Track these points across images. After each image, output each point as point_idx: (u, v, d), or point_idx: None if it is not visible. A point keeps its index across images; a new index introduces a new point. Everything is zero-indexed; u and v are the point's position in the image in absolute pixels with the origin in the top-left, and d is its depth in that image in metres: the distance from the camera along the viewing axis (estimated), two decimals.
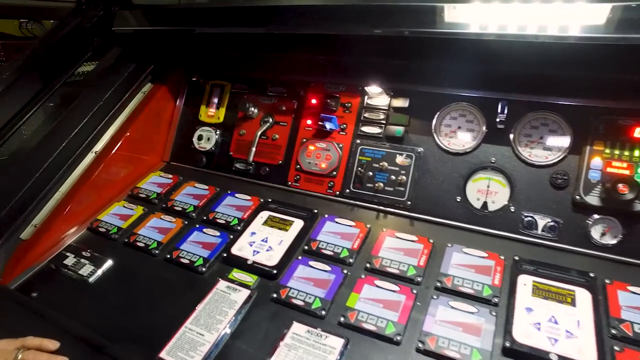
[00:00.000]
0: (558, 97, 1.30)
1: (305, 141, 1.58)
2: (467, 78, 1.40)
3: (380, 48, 1.44)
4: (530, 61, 1.27)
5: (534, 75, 1.31)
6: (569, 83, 1.29)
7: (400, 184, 1.41)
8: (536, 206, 1.28)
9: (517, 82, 1.34)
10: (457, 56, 1.36)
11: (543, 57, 1.23)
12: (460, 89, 1.41)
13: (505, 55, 1.28)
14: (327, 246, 1.31)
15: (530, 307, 1.07)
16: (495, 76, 1.37)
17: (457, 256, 1.24)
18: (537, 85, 1.32)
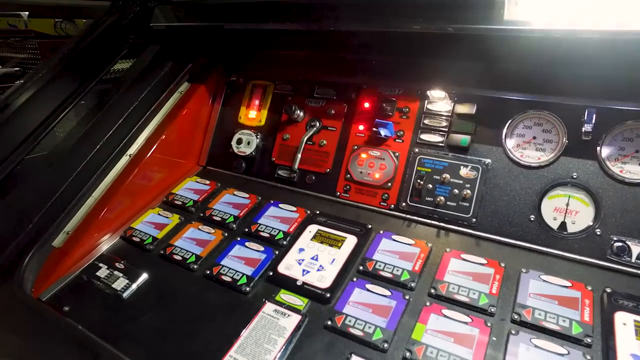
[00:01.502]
0: None
1: (356, 148, 1.45)
2: (545, 82, 1.24)
3: (443, 48, 1.31)
4: (621, 62, 1.12)
5: (628, 79, 1.15)
6: None
7: (464, 199, 1.27)
8: (630, 230, 1.12)
9: (607, 87, 1.18)
10: (531, 57, 1.21)
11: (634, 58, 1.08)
12: (537, 95, 1.25)
13: (591, 56, 1.13)
14: (385, 267, 1.17)
15: (637, 354, 0.92)
16: (580, 80, 1.21)
17: (535, 284, 1.08)
18: (631, 91, 1.16)
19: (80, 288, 1.28)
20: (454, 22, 1.14)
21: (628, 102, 1.16)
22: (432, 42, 1.30)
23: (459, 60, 1.34)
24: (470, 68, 1.34)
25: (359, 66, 1.52)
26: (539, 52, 1.19)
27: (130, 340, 1.10)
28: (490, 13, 1.08)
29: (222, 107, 1.76)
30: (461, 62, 1.34)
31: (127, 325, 1.15)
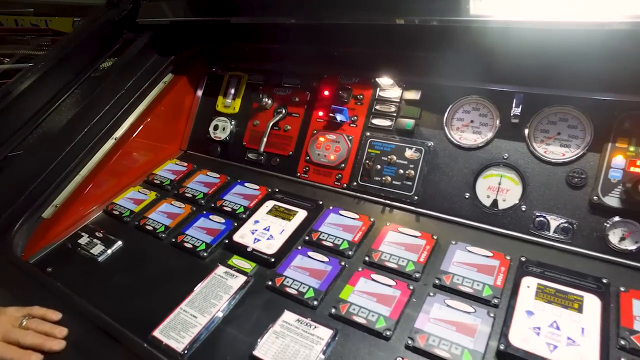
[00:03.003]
0: (579, 91, 1.22)
1: (316, 133, 1.57)
2: (482, 70, 1.34)
3: (393, 39, 1.41)
4: (549, 53, 1.21)
5: (554, 68, 1.24)
6: (592, 76, 1.20)
7: (408, 178, 1.37)
8: (549, 206, 1.21)
9: (536, 75, 1.27)
10: (471, 47, 1.30)
11: (563, 48, 1.16)
12: (474, 82, 1.35)
13: (522, 46, 1.22)
14: (328, 237, 1.29)
15: (531, 310, 1.01)
16: (512, 68, 1.30)
17: (460, 254, 1.18)
18: (556, 78, 1.24)
19: (64, 253, 1.44)
20: (418, 14, 1.24)
21: (552, 88, 1.24)
22: (389, 34, 1.41)
23: (409, 51, 1.44)
24: (418, 58, 1.44)
25: (322, 57, 1.64)
26: (478, 43, 1.28)
27: (101, 296, 1.25)
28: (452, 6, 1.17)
29: (202, 96, 1.90)
30: (411, 53, 1.44)
31: (99, 284, 1.31)
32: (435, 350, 0.96)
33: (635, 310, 0.99)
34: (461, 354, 0.95)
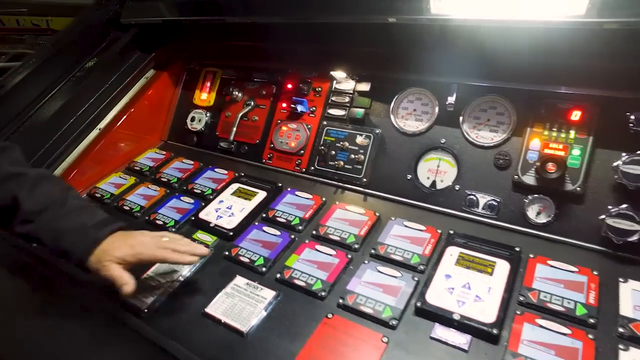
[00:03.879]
0: (507, 82, 1.35)
1: (279, 122, 1.71)
2: (424, 64, 1.47)
3: (347, 36, 1.55)
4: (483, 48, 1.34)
5: (486, 62, 1.37)
6: (517, 69, 1.33)
7: (358, 163, 1.51)
8: (479, 185, 1.34)
9: (470, 68, 1.40)
10: (416, 43, 1.44)
11: (495, 44, 1.30)
12: (417, 74, 1.49)
13: (460, 42, 1.36)
14: (282, 215, 1.43)
15: (449, 274, 1.14)
16: (450, 62, 1.43)
17: (397, 228, 1.32)
18: (488, 71, 1.37)
19: None
20: (382, 13, 1.37)
21: (484, 80, 1.37)
22: (346, 33, 1.55)
23: (362, 47, 1.58)
24: (369, 53, 1.57)
25: (287, 54, 1.78)
26: (421, 38, 1.42)
27: None
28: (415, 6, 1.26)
29: (181, 91, 2.05)
30: (363, 49, 1.58)
31: None
32: (361, 307, 1.10)
33: (537, 273, 1.12)
34: (383, 310, 1.08)
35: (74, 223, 1.08)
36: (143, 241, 1.11)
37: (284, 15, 1.54)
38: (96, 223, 1.10)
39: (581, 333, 0.97)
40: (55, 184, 1.16)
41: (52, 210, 1.08)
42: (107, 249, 1.06)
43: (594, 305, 1.03)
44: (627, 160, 1.11)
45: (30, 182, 1.11)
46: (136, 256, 1.08)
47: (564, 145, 1.23)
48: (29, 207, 1.07)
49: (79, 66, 1.94)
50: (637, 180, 1.10)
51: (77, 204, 1.13)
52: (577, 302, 1.03)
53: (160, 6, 1.89)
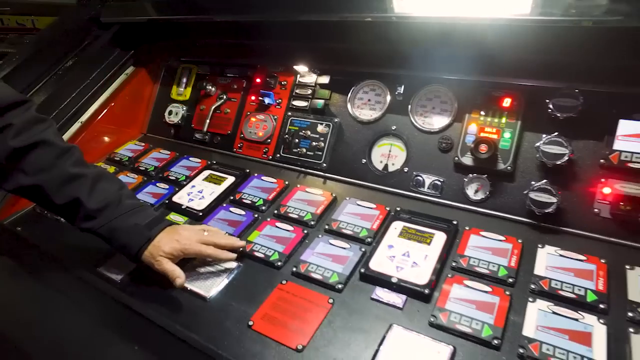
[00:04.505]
0: (449, 73, 1.49)
1: (249, 114, 1.84)
2: (377, 58, 1.61)
3: (310, 33, 1.69)
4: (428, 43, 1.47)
5: (431, 55, 1.51)
6: (458, 61, 1.47)
7: (318, 149, 1.64)
8: (425, 167, 1.47)
9: (417, 61, 1.54)
10: (369, 39, 1.58)
11: (439, 39, 1.43)
12: (371, 68, 1.62)
13: (408, 37, 1.49)
14: (248, 197, 1.56)
15: (392, 244, 1.28)
16: (400, 55, 1.57)
17: (350, 207, 1.45)
18: (433, 63, 1.51)
19: (33, 216, 1.71)
20: (350, 12, 1.49)
21: (430, 71, 1.51)
22: (312, 29, 1.69)
23: (324, 42, 1.71)
24: (330, 48, 1.71)
25: (256, 51, 1.91)
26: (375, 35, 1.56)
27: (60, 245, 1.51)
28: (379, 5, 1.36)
29: (160, 86, 2.17)
30: (325, 44, 1.71)
31: (61, 237, 1.57)
32: (312, 274, 1.23)
33: (470, 242, 1.25)
34: (330, 276, 1.21)
35: (129, 222, 1.21)
36: (188, 236, 1.25)
37: (253, 15, 1.67)
38: (147, 223, 1.23)
39: (500, 290, 1.11)
40: (110, 182, 1.29)
41: (109, 209, 1.21)
42: (157, 245, 1.21)
43: (514, 267, 1.16)
44: (546, 140, 1.25)
45: (89, 182, 1.22)
46: (183, 251, 1.23)
47: (497, 129, 1.37)
48: (90, 205, 1.20)
49: (61, 64, 2.06)
50: (554, 158, 1.24)
51: (131, 204, 1.25)
52: (500, 266, 1.17)
53: (139, 6, 2.01)
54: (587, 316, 1.02)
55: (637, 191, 1.18)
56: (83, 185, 1.21)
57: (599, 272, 1.11)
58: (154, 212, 1.30)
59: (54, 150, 1.22)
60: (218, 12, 1.76)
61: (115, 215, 1.21)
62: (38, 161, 1.21)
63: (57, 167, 1.21)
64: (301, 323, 1.10)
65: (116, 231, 1.21)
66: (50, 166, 1.21)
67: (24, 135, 1.19)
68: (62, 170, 1.21)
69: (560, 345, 0.96)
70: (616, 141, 1.23)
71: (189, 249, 1.23)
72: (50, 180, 1.20)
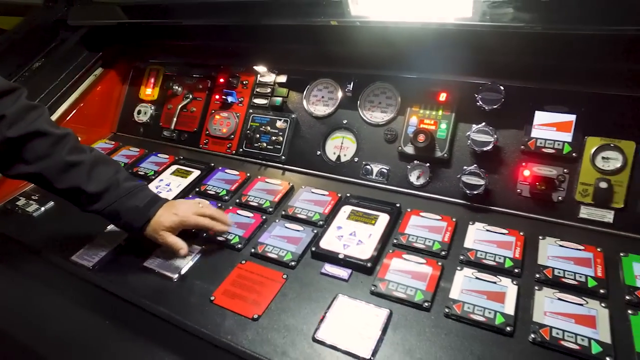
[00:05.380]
0: (393, 71, 1.64)
1: (213, 112, 1.96)
2: (330, 58, 1.76)
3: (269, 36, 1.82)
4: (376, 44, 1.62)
5: (378, 55, 1.66)
6: (401, 60, 1.63)
7: (277, 143, 1.78)
8: (373, 157, 1.62)
9: (366, 60, 1.69)
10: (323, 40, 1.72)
11: (386, 41, 1.58)
12: (324, 67, 1.77)
13: (359, 39, 1.63)
14: (213, 188, 1.68)
15: (341, 226, 1.42)
16: (350, 56, 1.72)
17: (305, 195, 1.59)
18: (379, 62, 1.67)
19: (4, 213, 1.79)
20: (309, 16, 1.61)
21: (376, 69, 1.66)
22: (271, 31, 1.82)
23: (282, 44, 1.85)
24: (288, 49, 1.85)
25: (220, 52, 2.03)
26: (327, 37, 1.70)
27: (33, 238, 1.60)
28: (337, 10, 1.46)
29: (129, 87, 2.27)
30: (283, 46, 1.85)
31: (34, 231, 1.66)
32: (268, 254, 1.36)
33: (410, 222, 1.40)
34: (285, 255, 1.35)
35: (129, 204, 1.31)
36: (185, 209, 1.37)
37: (218, 19, 1.79)
38: (146, 204, 1.33)
39: (433, 262, 1.26)
40: (107, 166, 1.35)
41: (109, 192, 1.30)
42: (158, 220, 1.33)
43: (447, 242, 1.32)
44: (475, 130, 1.42)
45: (87, 168, 1.29)
46: (182, 223, 1.35)
47: (434, 121, 1.54)
48: (90, 190, 1.28)
49: (28, 66, 2.13)
50: (481, 145, 1.40)
51: (129, 186, 1.34)
52: (435, 241, 1.33)
53: (107, 9, 2.10)
54: (504, 279, 1.18)
55: (550, 173, 1.36)
56: (81, 172, 1.28)
57: (517, 243, 1.28)
58: (151, 192, 1.40)
59: (49, 139, 1.26)
60: (185, 17, 1.87)
61: (115, 199, 1.30)
62: (35, 150, 1.25)
63: (53, 156, 1.26)
64: (257, 296, 1.23)
65: (118, 213, 1.31)
66: (47, 155, 1.25)
67: (18, 125, 1.23)
68: (59, 159, 1.26)
69: (478, 304, 1.12)
70: (533, 130, 1.41)
71: (187, 221, 1.35)
72: (48, 168, 1.26)
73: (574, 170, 1.34)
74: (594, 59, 1.36)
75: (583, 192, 1.32)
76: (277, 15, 1.62)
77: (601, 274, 1.15)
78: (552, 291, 1.14)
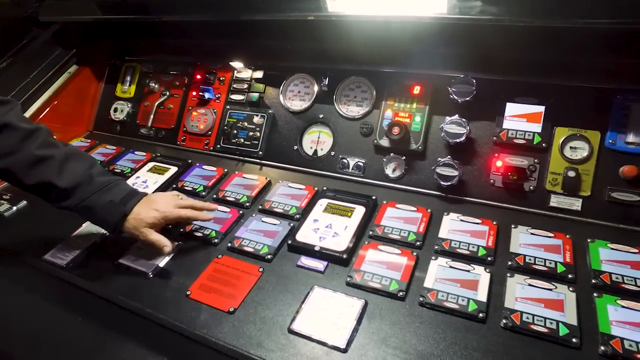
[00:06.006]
0: (368, 65, 1.66)
1: (191, 108, 1.95)
2: (306, 53, 1.76)
3: (245, 32, 1.82)
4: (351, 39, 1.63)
5: (353, 49, 1.67)
6: (376, 54, 1.64)
7: (255, 139, 1.77)
8: (349, 150, 1.63)
9: (340, 55, 1.70)
10: (298, 36, 1.72)
11: (361, 35, 1.59)
12: (300, 62, 1.77)
13: (334, 34, 1.64)
14: (190, 184, 1.67)
15: (317, 219, 1.43)
16: (324, 51, 1.73)
17: (282, 189, 1.59)
18: (354, 57, 1.68)
19: None
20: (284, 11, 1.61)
21: (351, 64, 1.68)
22: (247, 27, 1.81)
23: (258, 40, 1.85)
24: (264, 45, 1.85)
25: (196, 49, 2.02)
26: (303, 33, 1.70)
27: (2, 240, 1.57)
28: (314, 5, 1.48)
29: (105, 84, 2.24)
30: (259, 41, 1.85)
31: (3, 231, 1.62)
32: (244, 248, 1.35)
33: (386, 214, 1.42)
34: (261, 249, 1.35)
35: (103, 200, 1.26)
36: (165, 203, 1.33)
37: (194, 15, 1.78)
38: (122, 199, 1.28)
39: (408, 252, 1.28)
40: (80, 161, 1.30)
41: (81, 188, 1.25)
42: (138, 217, 1.28)
43: (422, 233, 1.34)
44: (447, 122, 1.44)
45: (57, 163, 1.24)
46: (164, 218, 1.32)
47: (409, 114, 1.55)
48: (61, 185, 1.23)
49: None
50: (455, 137, 1.42)
51: (103, 181, 1.28)
52: (410, 232, 1.34)
53: (80, 5, 2.07)
54: (477, 267, 1.20)
55: (521, 163, 1.39)
56: (51, 167, 1.23)
57: (490, 232, 1.30)
58: (128, 187, 1.34)
59: (18, 133, 1.23)
60: (162, 13, 1.85)
61: (87, 194, 1.25)
62: (3, 145, 1.22)
63: (22, 150, 1.22)
64: (233, 290, 1.23)
65: (91, 209, 1.27)
66: (16, 150, 1.22)
67: None
68: (28, 153, 1.22)
69: (452, 292, 1.13)
70: (505, 121, 1.44)
71: (169, 215, 1.32)
72: (17, 163, 1.22)
73: (544, 160, 1.37)
74: (562, 51, 1.40)
75: (553, 181, 1.35)
76: (254, 11, 1.62)
77: (569, 260, 1.18)
78: (523, 277, 1.16)
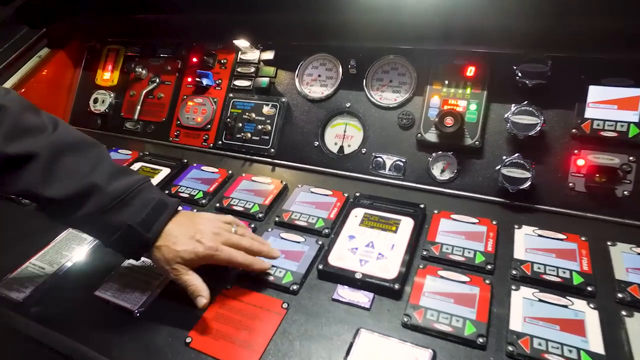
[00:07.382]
0: (405, 42, 1.35)
1: (185, 98, 1.62)
2: (327, 29, 1.44)
3: (250, 4, 1.49)
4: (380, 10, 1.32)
5: (385, 23, 1.35)
6: (414, 29, 1.32)
7: (265, 133, 1.45)
8: (384, 147, 1.32)
9: (370, 30, 1.38)
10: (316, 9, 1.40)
11: (393, 5, 1.28)
12: (320, 40, 1.45)
13: (356, 5, 1.32)
14: (186, 190, 1.35)
15: (353, 235, 1.11)
16: (350, 25, 1.40)
17: (303, 195, 1.28)
18: (387, 33, 1.36)
19: None
20: None
21: (384, 41, 1.36)
22: None
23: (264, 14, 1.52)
24: (272, 21, 1.52)
25: (191, 26, 1.69)
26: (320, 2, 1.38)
27: None
28: None
29: (82, 71, 1.90)
30: (265, 16, 1.52)
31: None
32: (261, 276, 1.04)
33: (440, 227, 1.11)
34: (283, 276, 1.03)
35: (116, 222, 0.89)
36: (212, 237, 0.96)
37: None
38: (143, 220, 0.90)
39: (479, 279, 0.97)
40: (79, 154, 0.91)
41: (83, 201, 0.87)
42: (172, 247, 0.92)
43: (492, 252, 1.03)
44: (515, 111, 1.13)
45: (41, 164, 0.86)
46: (209, 258, 0.95)
47: (462, 102, 1.24)
48: (50, 195, 0.86)
49: None
50: (525, 129, 1.12)
51: (116, 190, 0.90)
52: (476, 251, 1.04)
53: None
54: (577, 301, 0.90)
55: (611, 161, 1.09)
56: (32, 170, 0.86)
57: (581, 251, 1.00)
58: (154, 193, 0.96)
59: None
60: None
61: (93, 211, 0.87)
62: None
63: None
64: (250, 335, 0.92)
65: (100, 233, 0.92)
66: None
67: None
68: None
69: (553, 338, 0.83)
70: (587, 109, 1.14)
71: (216, 256, 0.95)
72: None
73: None
74: None
75: None
76: None
77: None
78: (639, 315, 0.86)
